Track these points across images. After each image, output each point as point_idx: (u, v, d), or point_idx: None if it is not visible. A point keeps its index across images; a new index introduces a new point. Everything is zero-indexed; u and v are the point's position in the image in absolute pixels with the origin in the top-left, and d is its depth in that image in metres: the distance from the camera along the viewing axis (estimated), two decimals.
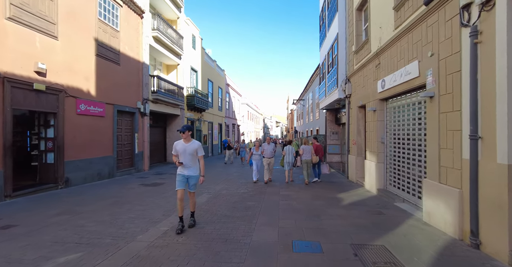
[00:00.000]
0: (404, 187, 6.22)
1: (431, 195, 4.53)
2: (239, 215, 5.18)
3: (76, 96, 8.44)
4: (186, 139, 4.40)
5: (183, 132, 4.37)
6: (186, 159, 4.37)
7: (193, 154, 4.41)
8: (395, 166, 6.70)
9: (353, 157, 9.30)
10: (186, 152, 4.35)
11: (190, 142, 4.42)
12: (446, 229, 4.11)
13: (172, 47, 14.87)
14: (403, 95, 6.18)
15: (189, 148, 4.36)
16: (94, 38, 9.22)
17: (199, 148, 4.44)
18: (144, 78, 12.43)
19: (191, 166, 4.43)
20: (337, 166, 13.98)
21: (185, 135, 4.38)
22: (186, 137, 4.40)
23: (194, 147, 4.40)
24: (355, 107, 9.28)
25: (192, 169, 4.44)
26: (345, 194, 7.34)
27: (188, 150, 4.36)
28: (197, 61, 19.47)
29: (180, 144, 4.41)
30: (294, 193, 7.38)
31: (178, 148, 4.39)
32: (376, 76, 7.34)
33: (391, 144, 6.92)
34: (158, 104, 13.80)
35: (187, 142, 4.39)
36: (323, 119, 16.71)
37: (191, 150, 4.37)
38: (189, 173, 4.41)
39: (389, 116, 7.03)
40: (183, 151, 4.35)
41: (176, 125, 16.65)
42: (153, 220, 4.89)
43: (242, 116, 38.47)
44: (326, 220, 4.91)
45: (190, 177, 4.43)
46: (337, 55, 10.92)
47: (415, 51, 5.20)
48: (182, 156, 4.37)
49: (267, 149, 9.17)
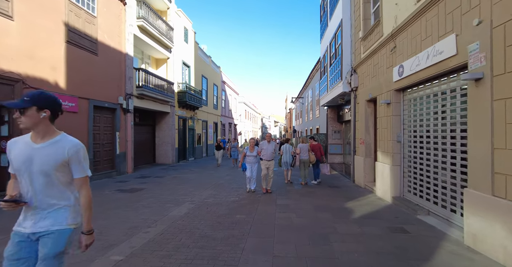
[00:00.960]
0: (429, 195, 5.06)
1: (478, 211, 3.37)
2: (223, 236, 4.00)
3: (38, 88, 7.22)
4: (36, 131, 1.70)
5: (20, 109, 1.64)
6: (36, 188, 1.64)
7: (53, 173, 1.66)
8: (415, 169, 5.54)
9: (361, 158, 8.14)
10: (33, 167, 1.63)
11: (51, 139, 1.71)
12: (507, 261, 2.95)
13: (160, 39, 13.66)
14: (428, 83, 5.01)
15: (43, 158, 1.64)
16: (63, 22, 8.01)
17: (75, 158, 1.72)
18: (128, 71, 11.22)
19: (49, 207, 1.67)
20: (339, 167, 12.83)
21: (27, 117, 1.65)
22: (35, 125, 1.67)
23: (60, 157, 1.68)
24: (362, 101, 8.12)
25: (51, 215, 1.67)
26: (354, 202, 6.17)
27: (38, 163, 1.63)
28: (189, 56, 18.27)
29: (19, 147, 1.69)
30: (294, 202, 6.21)
31: (13, 156, 1.68)
32: (390, 63, 6.18)
33: (409, 143, 5.76)
34: (145, 101, 12.59)
35: (41, 141, 1.70)
36: (324, 117, 15.56)
37: (48, 164, 1.64)
38: (42, 226, 1.64)
39: (407, 110, 5.87)
40: (26, 167, 1.63)
41: (167, 124, 15.45)
42: (108, 244, 3.70)
43: (240, 116, 37.30)
44: (336, 243, 3.74)
45: (45, 237, 1.63)
46: (341, 44, 9.76)
47: (449, 23, 4.04)
48: (25, 180, 1.65)
49: (266, 149, 7.27)
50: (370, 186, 7.46)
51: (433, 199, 4.91)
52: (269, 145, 7.36)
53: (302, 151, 8.51)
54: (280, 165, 9.00)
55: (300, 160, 8.59)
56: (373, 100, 7.63)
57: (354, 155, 8.83)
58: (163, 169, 12.76)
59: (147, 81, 12.31)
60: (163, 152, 15.50)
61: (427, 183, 5.11)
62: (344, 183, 8.89)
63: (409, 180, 5.78)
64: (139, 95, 12.00)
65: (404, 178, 5.94)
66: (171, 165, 14.56)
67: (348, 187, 8.10)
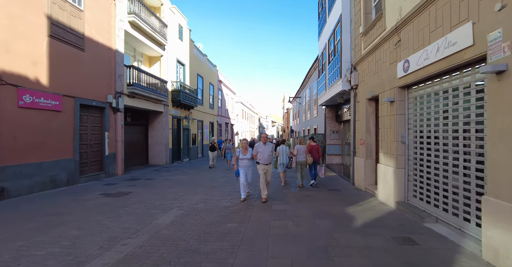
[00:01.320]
0: (437, 201, 4.64)
1: (501, 222, 2.95)
2: (211, 249, 3.55)
3: (17, 85, 6.72)
4: None
5: None
6: None
7: None
8: (421, 172, 5.13)
9: (361, 159, 7.72)
10: None
11: None
12: None
13: (153, 36, 13.18)
14: (436, 78, 4.60)
15: None
16: (45, 15, 7.51)
17: None
18: (118, 69, 10.73)
19: None
20: (338, 168, 12.42)
21: None
22: None
23: None
24: (363, 100, 7.70)
25: None
26: (355, 207, 5.75)
27: None
28: (184, 54, 17.77)
29: None
30: (291, 208, 5.77)
31: None
32: (394, 58, 5.77)
33: (415, 144, 5.35)
34: (136, 99, 12.09)
35: None
36: (322, 117, 15.16)
37: None
38: None
39: (412, 109, 5.46)
40: None
41: (160, 123, 14.95)
42: (77, 260, 3.23)
43: (236, 115, 36.82)
44: (337, 257, 3.30)
45: None
46: (340, 40, 9.35)
47: (464, 10, 3.62)
48: None
49: (262, 152, 6.41)
50: (371, 189, 7.04)
51: (442, 205, 4.50)
52: (266, 146, 6.49)
53: (299, 152, 8.15)
54: (276, 167, 8.54)
55: (297, 161, 8.26)
56: (375, 99, 7.22)
57: (354, 156, 8.42)
58: (155, 171, 12.26)
59: (139, 79, 11.82)
60: (156, 153, 15.00)
61: (435, 187, 4.69)
62: (343, 185, 8.47)
63: (414, 183, 5.37)
64: (130, 93, 11.50)
65: (409, 182, 5.53)
66: (164, 166, 14.06)
67: (347, 190, 7.67)
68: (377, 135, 7.31)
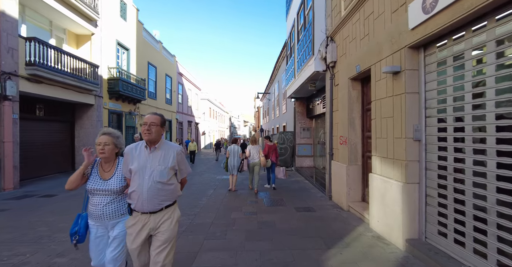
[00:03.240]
0: (485, 246, 2.42)
1: None
2: None
3: None
4: None
5: None
6: None
7: None
8: (455, 193, 2.91)
9: (341, 165, 5.47)
10: None
11: None
12: None
13: (76, 5, 10.09)
14: (490, 21, 2.38)
15: None
16: None
17: None
18: (5, 40, 7.61)
19: None
20: (309, 172, 10.21)
21: None
22: None
23: None
24: (344, 80, 5.45)
25: None
26: (341, 250, 3.41)
27: None
28: (129, 36, 14.68)
29: None
30: (229, 255, 3.29)
31: None
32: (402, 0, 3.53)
33: (439, 143, 3.12)
34: (45, 86, 8.95)
35: None
36: (291, 113, 12.95)
37: None
38: None
39: (433, 83, 3.23)
40: None
41: (90, 119, 11.79)
42: None
43: (203, 114, 33.85)
44: None
45: None
46: (312, 7, 7.08)
47: None
48: None
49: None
50: (358, 210, 4.79)
51: (496, 255, 2.27)
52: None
53: (252, 153, 6.43)
54: (226, 170, 7.32)
55: (249, 163, 7.05)
56: (363, 78, 5.00)
57: (331, 160, 6.17)
58: (65, 182, 9.19)
59: (46, 58, 8.71)
60: None
61: (480, 221, 2.48)
62: (316, 200, 6.19)
63: (439, 211, 3.14)
64: (31, 76, 8.37)
65: (429, 207, 3.29)
66: None
67: (323, 210, 5.37)
68: (365, 129, 5.10)
